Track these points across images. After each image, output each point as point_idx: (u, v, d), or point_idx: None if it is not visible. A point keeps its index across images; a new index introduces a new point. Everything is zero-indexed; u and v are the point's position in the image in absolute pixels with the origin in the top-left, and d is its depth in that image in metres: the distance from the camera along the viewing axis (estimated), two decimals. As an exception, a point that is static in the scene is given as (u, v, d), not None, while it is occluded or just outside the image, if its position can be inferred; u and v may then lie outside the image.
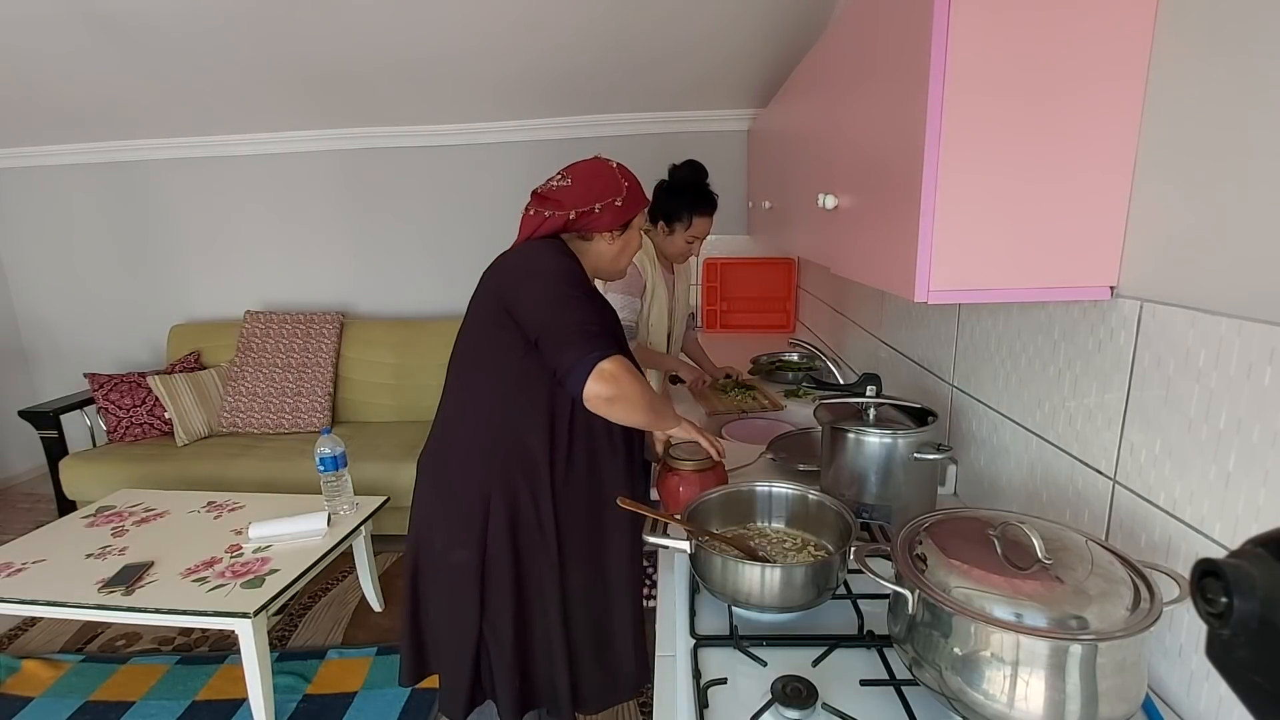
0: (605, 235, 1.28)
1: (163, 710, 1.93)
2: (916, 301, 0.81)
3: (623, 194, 1.25)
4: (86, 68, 2.60)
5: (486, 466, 1.20)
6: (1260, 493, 0.65)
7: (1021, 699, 0.65)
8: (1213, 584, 0.33)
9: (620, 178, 1.27)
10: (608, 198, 1.24)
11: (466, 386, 1.24)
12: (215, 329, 3.40)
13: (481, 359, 1.21)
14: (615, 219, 1.26)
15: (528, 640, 1.25)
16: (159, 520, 2.19)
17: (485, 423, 1.21)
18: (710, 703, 0.81)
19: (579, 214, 1.23)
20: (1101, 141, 0.79)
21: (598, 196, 1.23)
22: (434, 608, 1.28)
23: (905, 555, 0.78)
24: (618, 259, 1.33)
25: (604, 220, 1.24)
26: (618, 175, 1.27)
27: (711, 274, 3.26)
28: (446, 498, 1.24)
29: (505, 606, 1.22)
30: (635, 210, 1.29)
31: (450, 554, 1.22)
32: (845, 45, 1.11)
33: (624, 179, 1.28)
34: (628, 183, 1.28)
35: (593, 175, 1.26)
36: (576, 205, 1.23)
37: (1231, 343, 0.68)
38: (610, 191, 1.25)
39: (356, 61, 2.58)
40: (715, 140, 3.09)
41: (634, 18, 2.30)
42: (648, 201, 1.33)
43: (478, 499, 1.20)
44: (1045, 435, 1.03)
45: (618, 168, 1.29)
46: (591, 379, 1.05)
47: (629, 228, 1.31)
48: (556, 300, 1.12)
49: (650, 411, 1.14)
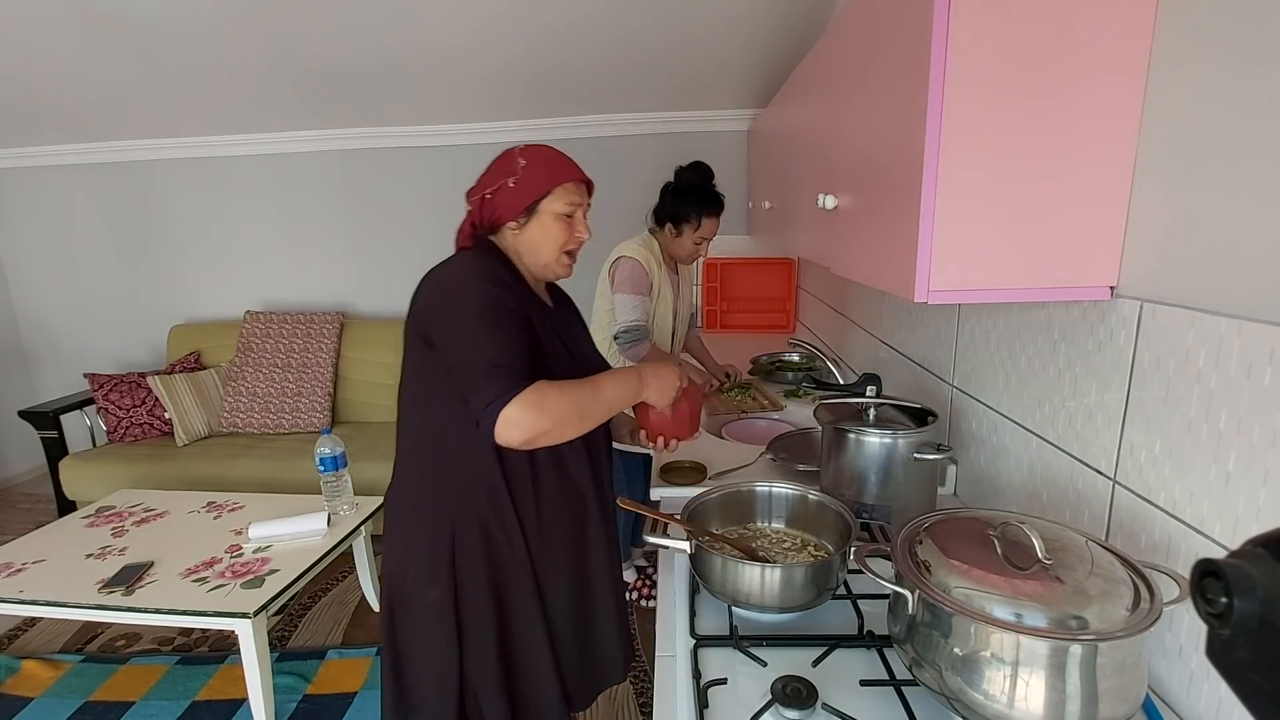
0: (509, 226, 1.11)
1: (163, 710, 1.93)
2: (916, 302, 0.81)
3: (516, 173, 1.09)
4: (86, 68, 2.60)
5: (446, 498, 1.11)
6: (1260, 493, 0.65)
7: (1021, 699, 0.65)
8: (1213, 584, 0.33)
9: (517, 156, 1.11)
10: (499, 179, 1.09)
11: (413, 416, 1.14)
12: (215, 329, 3.40)
13: (423, 387, 1.10)
14: (512, 204, 1.09)
15: (513, 668, 1.17)
16: (159, 520, 2.19)
17: (437, 452, 1.11)
18: (710, 703, 0.81)
19: (475, 206, 1.12)
20: (1101, 141, 0.79)
21: (489, 182, 1.10)
22: (414, 649, 1.17)
23: (905, 555, 0.78)
24: (537, 252, 1.12)
25: (503, 207, 1.09)
26: (515, 155, 1.11)
27: (711, 274, 3.26)
28: (411, 537, 1.14)
29: (487, 640, 1.13)
30: (538, 189, 1.09)
31: (422, 594, 1.13)
32: (845, 45, 1.11)
33: (523, 157, 1.10)
34: (525, 160, 1.10)
35: (495, 164, 1.13)
36: (471, 196, 1.12)
37: (1231, 343, 0.68)
38: (502, 172, 1.10)
39: (357, 61, 2.58)
40: (715, 140, 3.09)
41: (634, 17, 2.30)
42: (565, 177, 1.11)
43: (443, 534, 1.11)
44: (1045, 435, 1.03)
45: (523, 149, 1.12)
46: (501, 426, 0.93)
47: (536, 213, 1.10)
48: (462, 337, 1.00)
49: (585, 420, 1.01)
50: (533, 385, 0.95)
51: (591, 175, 1.16)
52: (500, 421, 0.93)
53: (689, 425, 1.17)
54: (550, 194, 1.10)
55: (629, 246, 2.05)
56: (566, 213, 1.11)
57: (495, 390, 0.93)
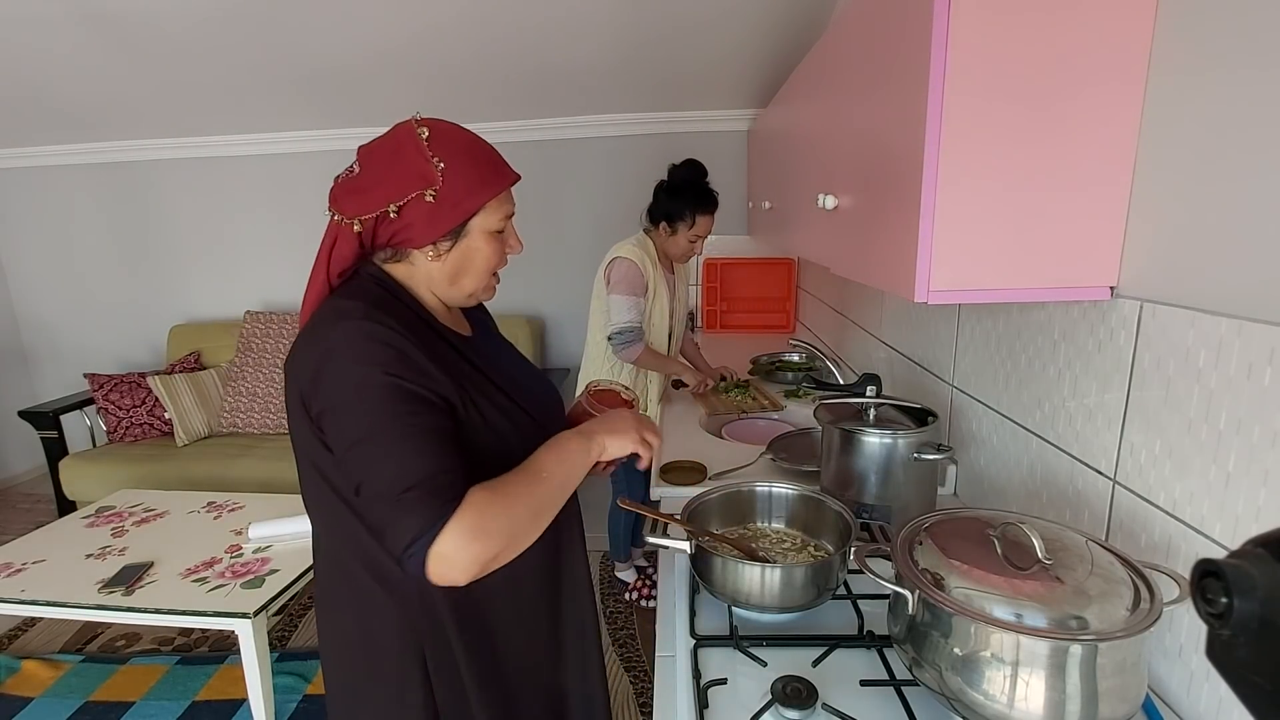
0: (425, 252, 0.81)
1: (163, 710, 1.93)
2: (916, 302, 0.81)
3: (435, 183, 0.77)
4: (86, 68, 2.60)
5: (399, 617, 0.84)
6: (1260, 493, 0.65)
7: (1021, 699, 0.65)
8: (1213, 584, 0.33)
9: (428, 155, 0.78)
10: (409, 192, 0.77)
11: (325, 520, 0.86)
12: (215, 329, 3.40)
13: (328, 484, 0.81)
14: (431, 225, 0.79)
15: None
16: (159, 520, 2.18)
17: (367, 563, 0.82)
18: (710, 703, 0.81)
19: (369, 224, 0.79)
20: (1101, 141, 0.79)
21: (392, 193, 0.77)
22: None
23: (905, 555, 0.78)
24: (460, 280, 0.85)
25: (413, 228, 0.79)
26: (423, 152, 0.78)
27: (711, 274, 3.26)
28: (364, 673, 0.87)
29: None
30: (467, 206, 0.80)
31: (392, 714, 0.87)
32: (845, 45, 1.11)
33: (436, 155, 0.78)
34: (444, 161, 0.78)
35: (386, 156, 0.79)
36: (361, 211, 0.78)
37: (1231, 343, 0.68)
38: (412, 181, 0.77)
39: (356, 60, 2.58)
40: (715, 140, 3.09)
41: (634, 16, 2.30)
42: (500, 185, 0.83)
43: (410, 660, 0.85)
44: (1045, 435, 1.03)
45: (430, 137, 0.78)
46: (434, 565, 0.69)
47: (465, 234, 0.82)
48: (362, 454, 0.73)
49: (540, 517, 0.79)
50: (465, 503, 0.71)
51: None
52: (432, 560, 0.69)
53: None
54: (483, 209, 0.82)
55: (624, 247, 2.06)
56: (499, 229, 0.85)
57: (416, 523, 0.69)
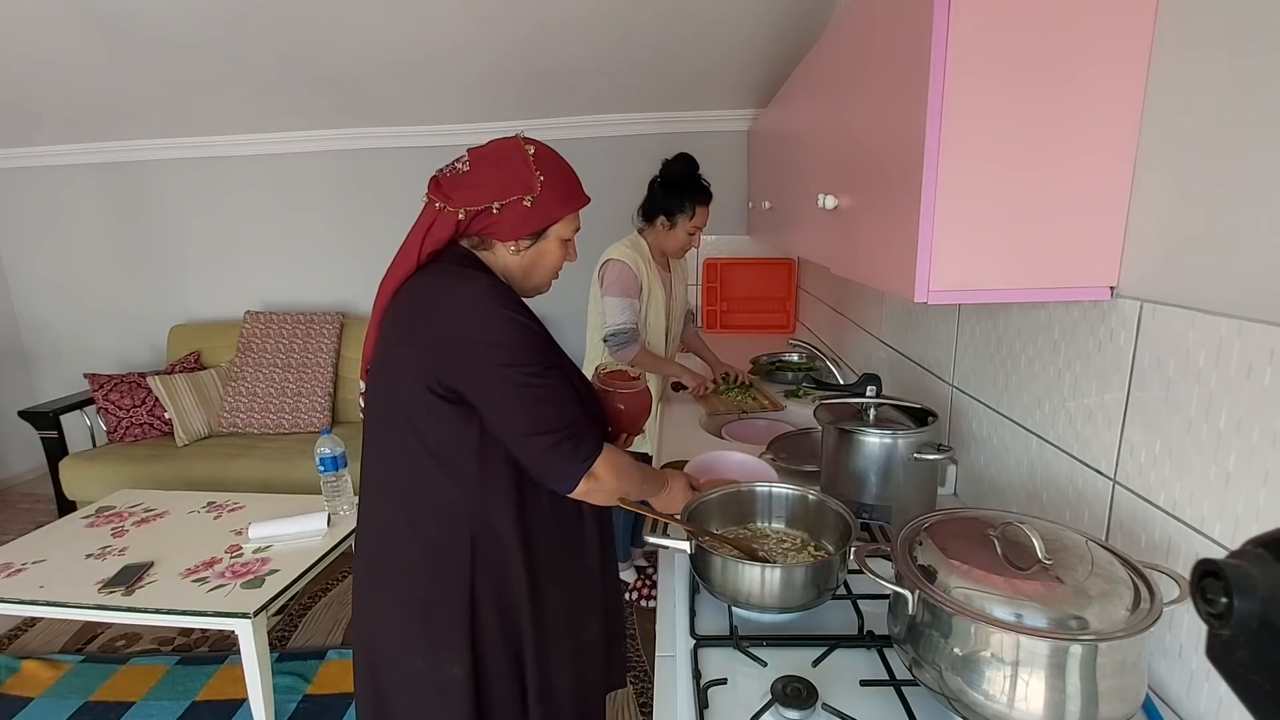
0: (508, 245, 0.98)
1: (163, 710, 1.93)
2: (916, 302, 0.81)
3: (535, 191, 0.94)
4: (86, 68, 2.60)
5: (459, 569, 0.96)
6: (1260, 493, 0.65)
7: (1021, 699, 0.65)
8: (1213, 584, 0.33)
9: (533, 168, 0.95)
10: (511, 194, 0.94)
11: (407, 473, 0.96)
12: (215, 329, 3.40)
13: (422, 438, 0.93)
14: (521, 225, 0.96)
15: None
16: (159, 520, 2.18)
17: (443, 519, 0.96)
18: (710, 703, 0.81)
19: (471, 215, 0.94)
20: (1101, 142, 0.79)
21: (497, 193, 0.94)
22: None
23: (905, 555, 0.78)
24: (531, 275, 1.02)
25: (505, 224, 0.95)
26: (530, 165, 0.95)
27: (711, 274, 3.26)
28: (414, 614, 0.98)
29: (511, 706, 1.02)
30: (553, 215, 0.98)
31: (437, 673, 0.98)
32: (845, 45, 1.11)
33: (539, 169, 0.95)
34: (544, 175, 0.95)
35: (496, 162, 0.96)
36: (468, 204, 0.94)
37: (1231, 343, 0.68)
38: (515, 186, 0.94)
39: (356, 61, 2.58)
40: (715, 140, 3.09)
41: (634, 16, 2.30)
42: (581, 202, 1.02)
43: (460, 608, 0.96)
44: (1045, 435, 1.03)
45: (536, 154, 0.96)
46: (584, 486, 0.94)
47: (544, 237, 0.99)
48: (523, 395, 0.89)
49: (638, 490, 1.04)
50: (606, 447, 0.97)
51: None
52: (587, 479, 0.94)
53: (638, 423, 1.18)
54: (563, 220, 1.00)
55: (616, 249, 2.06)
56: (569, 238, 1.04)
57: (582, 453, 0.93)
